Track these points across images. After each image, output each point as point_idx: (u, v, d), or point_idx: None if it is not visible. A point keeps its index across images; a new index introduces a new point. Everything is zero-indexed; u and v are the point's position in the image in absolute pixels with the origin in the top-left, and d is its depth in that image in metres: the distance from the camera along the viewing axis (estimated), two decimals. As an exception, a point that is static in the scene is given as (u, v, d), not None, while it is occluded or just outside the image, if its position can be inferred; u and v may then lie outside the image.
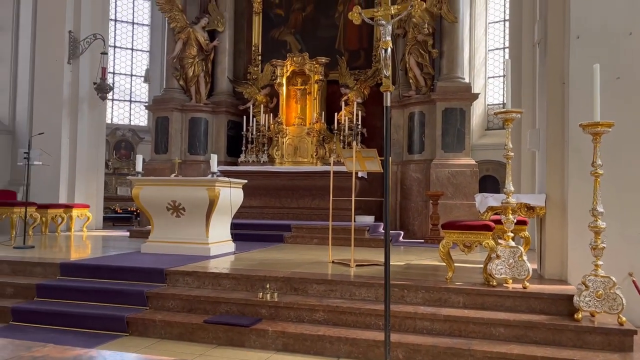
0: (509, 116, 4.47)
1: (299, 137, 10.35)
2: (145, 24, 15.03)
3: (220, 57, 11.17)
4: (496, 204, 4.97)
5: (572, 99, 4.56)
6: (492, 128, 11.96)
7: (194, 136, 10.86)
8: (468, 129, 9.15)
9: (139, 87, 14.95)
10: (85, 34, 10.12)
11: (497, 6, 12.45)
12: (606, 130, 3.84)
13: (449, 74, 9.31)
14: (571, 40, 4.59)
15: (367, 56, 10.69)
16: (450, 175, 8.93)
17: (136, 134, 13.98)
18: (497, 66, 12.27)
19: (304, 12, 11.12)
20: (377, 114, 10.12)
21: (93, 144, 10.52)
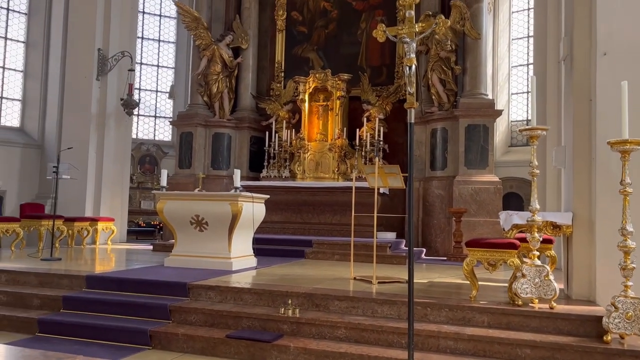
0: (534, 133, 4.42)
1: (320, 153, 10.39)
2: (171, 42, 15.36)
3: (244, 74, 11.33)
4: (521, 221, 4.90)
5: (599, 116, 4.49)
6: (516, 145, 11.83)
7: (217, 151, 11.00)
8: (491, 145, 9.07)
9: (164, 102, 15.22)
10: (114, 52, 10.39)
11: (521, 22, 12.41)
12: (635, 148, 3.77)
13: (471, 91, 9.27)
14: (598, 57, 4.54)
15: (389, 73, 10.72)
16: (473, 192, 8.84)
17: (160, 148, 14.21)
18: (521, 82, 12.18)
19: (326, 29, 11.24)
20: (398, 130, 10.12)
21: (119, 158, 10.73)
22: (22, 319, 5.01)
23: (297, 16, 11.48)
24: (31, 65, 12.06)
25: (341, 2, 11.14)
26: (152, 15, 15.12)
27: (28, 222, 8.69)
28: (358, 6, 11.04)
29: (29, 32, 12.17)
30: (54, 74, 11.47)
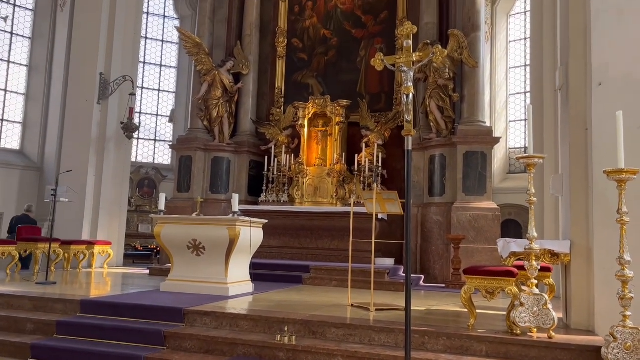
0: (531, 161, 4.45)
1: (319, 178, 10.42)
2: (172, 66, 15.54)
3: (244, 99, 11.44)
4: (519, 249, 4.89)
5: (595, 145, 4.53)
6: (514, 172, 11.88)
7: (216, 175, 11.02)
8: (489, 172, 9.10)
9: (164, 126, 15.33)
10: (115, 76, 10.51)
11: (518, 51, 12.60)
12: (631, 177, 3.79)
13: (469, 118, 9.36)
14: (593, 87, 4.60)
15: (388, 99, 10.83)
16: (471, 219, 8.84)
17: (159, 172, 14.24)
18: (519, 110, 12.30)
19: (326, 56, 11.39)
20: (397, 156, 10.16)
21: (117, 181, 10.74)
22: (16, 343, 4.94)
23: (297, 43, 11.65)
24: (33, 88, 12.19)
25: (341, 30, 11.32)
26: (154, 41, 15.33)
27: (24, 245, 8.65)
28: (357, 34, 11.21)
29: (32, 56, 12.34)
30: (55, 97, 11.58)
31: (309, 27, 11.60)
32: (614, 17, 4.58)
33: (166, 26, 15.48)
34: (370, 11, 11.12)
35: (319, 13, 11.54)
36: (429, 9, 10.14)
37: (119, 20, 10.55)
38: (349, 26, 11.27)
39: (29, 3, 12.51)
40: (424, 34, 9.89)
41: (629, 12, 4.57)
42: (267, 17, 11.90)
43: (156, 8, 15.31)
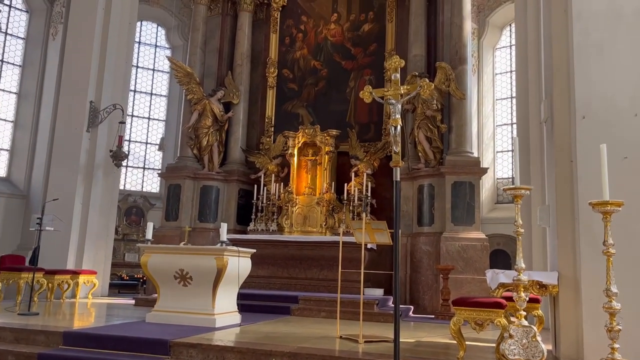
0: (518, 192, 4.49)
1: (308, 207, 10.40)
2: (163, 95, 15.61)
3: (234, 128, 11.49)
4: (508, 280, 4.89)
5: (580, 177, 4.59)
6: (502, 202, 11.97)
7: (205, 204, 10.97)
8: (478, 202, 9.16)
9: (153, 154, 15.29)
10: (106, 104, 10.51)
11: (504, 84, 12.85)
12: (616, 209, 3.83)
13: (457, 148, 9.46)
14: (577, 120, 4.70)
15: (377, 129, 10.94)
16: (460, 249, 8.85)
17: (147, 200, 14.14)
18: (506, 141, 12.47)
19: (316, 87, 11.53)
20: (386, 186, 10.20)
21: (105, 210, 10.63)
22: (-6, 377, 4.80)
23: (288, 74, 11.80)
24: (22, 116, 12.15)
25: (331, 61, 11.50)
26: (145, 70, 15.43)
27: (7, 275, 8.48)
28: (347, 65, 11.39)
29: (22, 84, 12.34)
30: (44, 125, 11.54)
31: (300, 58, 11.78)
32: (595, 52, 4.71)
33: (158, 55, 15.61)
34: (360, 43, 11.33)
35: (309, 45, 11.74)
36: (416, 42, 10.35)
37: (111, 49, 10.63)
38: (339, 58, 11.45)
39: (21, 32, 12.59)
40: (412, 66, 10.06)
41: (609, 47, 4.70)
42: (258, 48, 12.07)
43: (148, 38, 15.47)
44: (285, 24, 11.99)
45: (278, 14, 12.01)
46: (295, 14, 11.94)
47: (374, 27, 11.28)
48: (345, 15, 11.54)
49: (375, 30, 11.25)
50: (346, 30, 11.50)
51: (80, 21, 10.72)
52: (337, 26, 11.57)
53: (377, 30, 11.23)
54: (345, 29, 11.51)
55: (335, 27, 11.58)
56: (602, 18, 4.66)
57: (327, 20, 11.65)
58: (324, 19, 11.68)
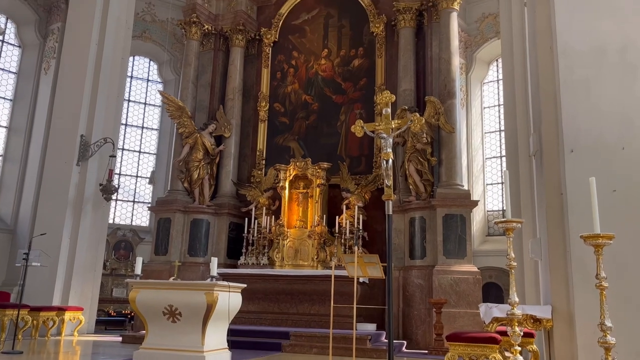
0: (509, 225, 4.48)
1: (300, 240, 10.33)
2: (154, 129, 15.64)
3: (226, 161, 11.50)
4: (501, 315, 4.85)
5: (571, 209, 4.62)
6: (493, 234, 11.98)
7: (195, 238, 10.87)
8: (469, 235, 9.16)
9: (143, 187, 15.20)
10: (97, 138, 10.49)
11: (493, 117, 13.04)
12: (607, 242, 3.84)
13: (448, 181, 9.51)
14: (565, 153, 4.76)
15: (368, 162, 11.00)
16: (453, 283, 8.79)
17: (137, 234, 13.98)
18: (495, 173, 12.57)
19: (307, 120, 11.63)
20: (378, 218, 10.18)
21: (93, 244, 10.48)
22: (-27, 421, 4.61)
23: (279, 107, 11.91)
24: (11, 149, 12.08)
25: (321, 95, 11.64)
26: (137, 103, 15.50)
27: (-9, 311, 8.26)
28: (338, 99, 11.53)
29: (12, 118, 12.32)
30: (33, 158, 11.47)
31: (291, 92, 11.91)
32: (580, 88, 4.81)
33: (149, 89, 15.71)
34: (350, 78, 11.50)
35: (300, 79, 11.90)
36: (406, 76, 10.52)
37: (103, 83, 10.69)
38: (329, 92, 11.60)
39: (13, 66, 12.65)
40: (402, 100, 10.20)
41: (594, 84, 4.81)
42: (249, 82, 12.20)
43: (140, 72, 15.59)
44: (276, 59, 12.18)
45: (269, 49, 12.21)
46: (287, 50, 12.14)
47: (364, 62, 11.48)
48: (336, 51, 11.75)
49: (365, 65, 11.45)
50: (337, 65, 11.69)
51: (73, 56, 10.81)
52: (328, 61, 11.76)
53: (367, 66, 11.43)
54: (335, 64, 11.70)
55: (325, 62, 11.77)
56: (587, 56, 4.78)
57: (317, 56, 11.85)
58: (314, 54, 11.88)
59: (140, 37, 14.35)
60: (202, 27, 11.97)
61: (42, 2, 12.41)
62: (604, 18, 4.91)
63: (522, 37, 7.73)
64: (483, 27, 12.85)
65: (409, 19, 10.73)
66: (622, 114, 4.63)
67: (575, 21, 4.94)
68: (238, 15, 12.05)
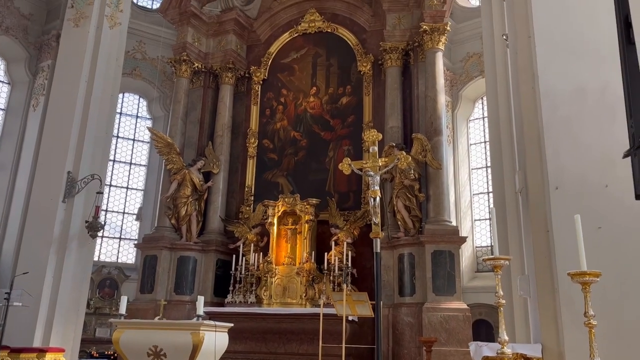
0: (497, 263, 4.49)
1: (288, 277, 10.22)
2: (142, 165, 15.60)
3: (214, 197, 11.46)
4: (491, 353, 4.79)
5: (557, 247, 4.64)
6: (482, 270, 11.95)
7: (182, 275, 10.72)
8: (458, 271, 9.15)
9: (130, 224, 15.04)
10: (84, 174, 10.40)
11: (479, 153, 13.21)
12: (594, 279, 3.85)
13: (436, 217, 9.55)
14: (551, 190, 4.81)
15: (356, 198, 11.03)
16: (442, 320, 8.71)
17: (122, 272, 13.74)
18: (483, 209, 12.64)
19: (296, 156, 11.70)
20: (366, 255, 10.14)
21: (77, 283, 10.24)
22: None
23: (268, 144, 11.99)
24: (-3, 186, 11.94)
25: (310, 132, 11.76)
26: (125, 140, 15.51)
27: (-32, 354, 7.99)
28: (326, 136, 11.65)
29: (-1, 154, 12.23)
30: (18, 195, 11.33)
31: (280, 129, 12.02)
32: (563, 127, 4.92)
33: (138, 125, 15.75)
34: (338, 115, 11.66)
35: (289, 116, 12.03)
36: (393, 114, 10.69)
37: (92, 120, 10.68)
38: (318, 129, 11.72)
39: (1, 103, 12.65)
40: (389, 137, 10.32)
41: (576, 122, 4.92)
42: (239, 119, 12.31)
43: (129, 109, 15.67)
44: (265, 97, 12.33)
45: (259, 87, 12.37)
46: (276, 87, 12.31)
47: (352, 99, 11.66)
48: (324, 89, 11.94)
49: (353, 102, 11.63)
50: (325, 102, 11.85)
51: (62, 93, 10.83)
52: (316, 99, 11.93)
53: (354, 103, 11.61)
54: (324, 101, 11.87)
55: (314, 100, 11.94)
56: (568, 96, 4.90)
57: (306, 94, 12.02)
58: (303, 92, 12.06)
59: (130, 74, 14.49)
60: (192, 65, 12.13)
61: (33, 40, 12.55)
62: (583, 59, 5.06)
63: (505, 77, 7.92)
64: (468, 66, 13.16)
65: (396, 59, 10.97)
66: (603, 152, 4.71)
67: (556, 62, 5.09)
68: (228, 53, 12.26)
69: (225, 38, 12.44)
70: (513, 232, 7.34)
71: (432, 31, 10.42)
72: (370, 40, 11.73)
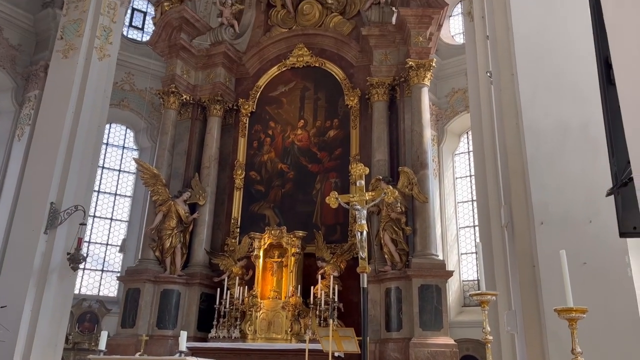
0: (484, 298, 4.46)
1: (273, 312, 10.05)
2: (127, 196, 15.46)
3: (199, 229, 11.34)
4: (480, 391, 4.72)
5: (543, 282, 4.64)
6: (470, 304, 11.89)
7: (164, 309, 10.48)
8: (445, 306, 9.08)
9: (113, 256, 14.79)
10: (67, 205, 10.26)
11: (465, 187, 13.33)
12: (581, 316, 3.83)
13: (422, 251, 9.53)
14: (536, 225, 4.84)
15: (343, 230, 10.99)
16: (430, 356, 8.59)
17: (104, 305, 13.42)
18: (469, 243, 12.67)
19: (283, 188, 11.69)
20: (353, 288, 10.01)
21: (56, 317, 9.96)
22: None
23: (255, 176, 11.98)
24: (-23, 218, 11.70)
25: (297, 164, 11.78)
26: (111, 170, 15.40)
27: (-62, 392, 7.67)
28: (313, 168, 11.67)
29: (-20, 186, 12.03)
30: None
31: (267, 161, 12.04)
32: (546, 163, 4.99)
33: (125, 156, 15.67)
34: (325, 148, 11.72)
35: (276, 148, 12.07)
36: (380, 147, 10.78)
37: (77, 151, 10.61)
38: (305, 161, 11.76)
39: (-14, 132, 12.54)
40: (376, 170, 10.38)
41: (559, 159, 4.99)
42: (226, 151, 12.31)
43: (116, 139, 15.62)
44: (253, 129, 12.38)
45: (247, 119, 12.44)
46: (264, 120, 12.39)
47: (339, 133, 11.75)
48: (312, 122, 12.04)
49: (340, 135, 11.72)
50: (312, 135, 11.93)
51: (48, 123, 10.78)
52: (304, 131, 12.00)
53: (342, 136, 11.70)
54: (311, 134, 11.94)
55: (302, 133, 12.01)
56: (551, 132, 4.99)
57: (294, 126, 12.10)
58: (291, 124, 12.13)
59: (118, 105, 14.50)
60: (181, 97, 12.18)
61: (21, 70, 12.55)
62: (565, 97, 5.18)
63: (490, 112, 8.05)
64: (453, 101, 13.41)
65: (382, 93, 11.14)
66: (586, 188, 4.77)
67: (539, 99, 5.20)
68: (216, 86, 12.35)
69: (214, 71, 12.55)
70: (499, 266, 7.33)
71: (417, 67, 10.63)
72: (358, 74, 11.92)
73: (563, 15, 5.44)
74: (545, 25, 5.50)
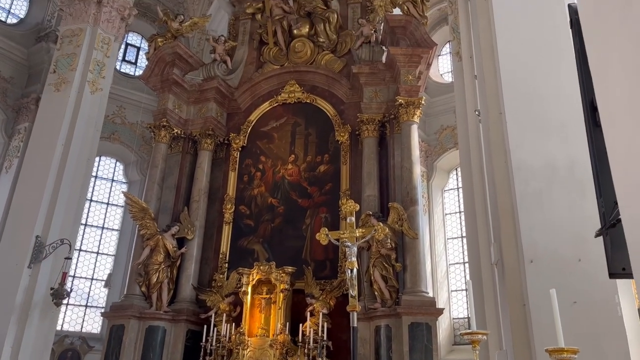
0: (475, 337, 4.41)
1: (261, 350, 9.82)
2: (115, 229, 15.28)
3: (187, 264, 11.17)
4: None
5: (534, 321, 4.61)
6: (460, 343, 11.74)
7: (149, 347, 10.20)
8: (435, 345, 8.93)
9: (98, 291, 14.50)
10: (53, 238, 10.14)
11: (454, 223, 13.35)
12: (572, 356, 3.79)
13: (412, 288, 9.44)
14: (526, 263, 4.84)
15: (333, 267, 10.88)
16: (421, 396, 8.40)
17: (86, 342, 13.08)
18: (459, 279, 12.61)
19: (273, 223, 11.61)
20: (343, 326, 9.83)
21: (37, 355, 9.68)
22: None
23: (244, 210, 11.91)
24: (-40, 250, 11.48)
25: (287, 199, 11.75)
26: (99, 203, 15.26)
27: None
28: (303, 203, 11.64)
29: (-35, 219, 11.85)
30: (-18, 261, 10.90)
31: (257, 195, 12.00)
32: (534, 201, 5.03)
33: (113, 189, 15.57)
34: (316, 183, 11.73)
35: (266, 183, 12.05)
36: (370, 183, 10.81)
37: (65, 183, 10.55)
38: (295, 196, 11.73)
39: (-27, 164, 12.44)
40: (366, 205, 10.38)
41: (547, 197, 5.04)
42: (216, 185, 12.27)
43: (105, 172, 15.54)
44: (244, 163, 12.38)
45: (238, 153, 12.45)
46: (254, 154, 12.41)
47: (329, 168, 11.79)
48: (302, 157, 12.08)
49: (331, 171, 11.75)
50: (303, 170, 11.95)
51: (37, 155, 10.75)
52: (294, 166, 12.03)
53: (332, 171, 11.73)
54: (302, 169, 11.97)
55: (292, 167, 12.03)
56: (539, 170, 5.05)
57: (284, 161, 12.13)
58: (281, 159, 12.17)
59: (108, 138, 14.51)
60: (172, 130, 12.20)
61: (12, 103, 12.57)
62: (553, 136, 5.27)
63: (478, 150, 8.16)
64: (442, 138, 13.59)
65: (372, 130, 11.26)
66: (574, 227, 4.81)
67: (526, 138, 5.29)
68: (208, 120, 12.41)
69: (206, 105, 12.64)
70: (490, 304, 7.29)
71: (407, 105, 10.78)
72: (348, 111, 12.05)
73: (549, 56, 5.59)
74: (532, 66, 5.64)
